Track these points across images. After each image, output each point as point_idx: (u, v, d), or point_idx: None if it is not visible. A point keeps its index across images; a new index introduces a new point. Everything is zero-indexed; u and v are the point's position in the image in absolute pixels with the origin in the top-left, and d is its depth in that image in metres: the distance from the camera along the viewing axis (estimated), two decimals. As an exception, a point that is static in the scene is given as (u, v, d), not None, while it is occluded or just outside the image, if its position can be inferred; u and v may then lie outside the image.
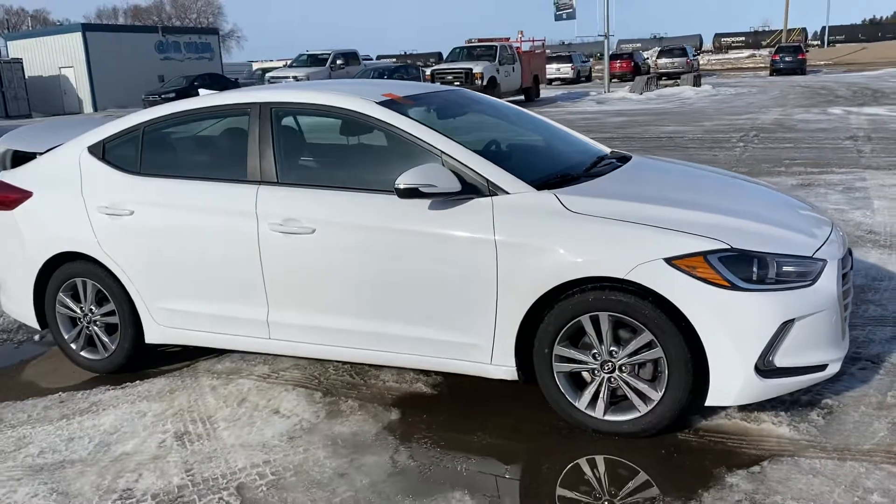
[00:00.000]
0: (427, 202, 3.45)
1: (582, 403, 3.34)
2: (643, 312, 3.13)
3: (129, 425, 3.64)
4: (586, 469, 3.12)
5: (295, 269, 3.74)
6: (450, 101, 4.41)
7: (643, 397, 3.24)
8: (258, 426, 3.57)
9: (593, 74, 45.46)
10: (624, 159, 4.18)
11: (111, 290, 4.21)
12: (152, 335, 4.21)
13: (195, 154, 4.40)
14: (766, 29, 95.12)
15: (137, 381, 4.18)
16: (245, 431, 3.52)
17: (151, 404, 3.85)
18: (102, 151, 4.26)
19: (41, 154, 4.59)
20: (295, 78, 25.87)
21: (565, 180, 3.59)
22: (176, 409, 3.78)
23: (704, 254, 3.06)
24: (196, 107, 4.17)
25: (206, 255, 3.92)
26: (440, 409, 3.69)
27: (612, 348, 3.25)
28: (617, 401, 3.33)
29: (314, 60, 27.33)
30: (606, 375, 3.28)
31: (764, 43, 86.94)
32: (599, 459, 3.18)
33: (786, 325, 3.06)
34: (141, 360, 4.36)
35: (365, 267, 3.60)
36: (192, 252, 3.94)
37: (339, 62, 27.12)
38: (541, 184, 3.46)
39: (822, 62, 50.17)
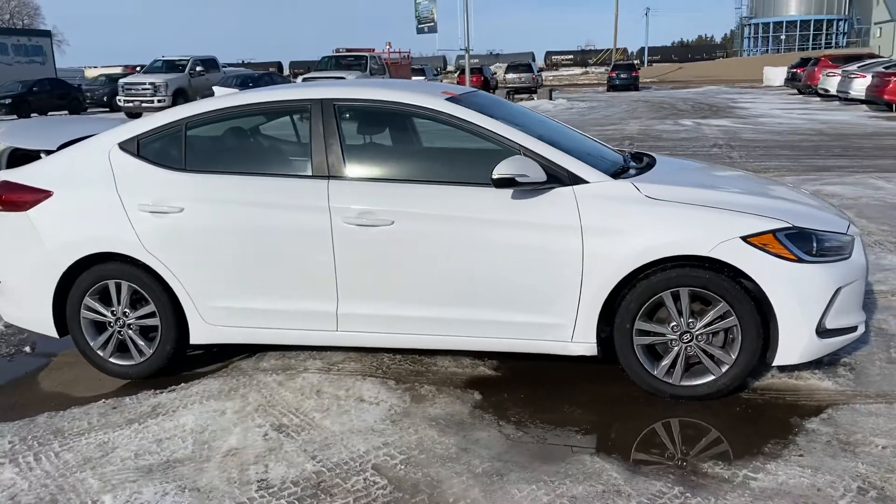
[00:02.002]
0: (510, 192, 3.68)
1: (660, 372, 3.70)
2: (721, 285, 3.53)
3: (215, 423, 3.58)
4: (682, 429, 3.47)
5: (371, 261, 3.83)
6: (485, 100, 4.65)
7: (717, 362, 3.65)
8: (353, 413, 3.63)
9: (444, 87, 46.41)
10: (645, 157, 4.58)
11: (152, 291, 4.07)
12: (199, 335, 4.12)
13: (246, 150, 4.35)
14: (592, 48, 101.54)
15: (183, 384, 4.07)
16: (344, 419, 3.58)
17: (224, 403, 3.79)
18: (137, 148, 4.12)
19: (47, 152, 4.34)
20: (153, 84, 24.75)
21: (625, 171, 3.95)
22: (254, 405, 3.75)
23: (773, 231, 3.51)
24: (244, 103, 4.15)
25: (269, 250, 3.91)
26: (514, 388, 3.91)
27: (689, 320, 3.63)
28: (690, 367, 3.71)
29: (171, 66, 26.21)
30: (684, 345, 3.65)
31: (591, 61, 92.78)
32: (686, 421, 3.54)
33: (837, 292, 3.57)
34: (180, 363, 4.25)
35: (446, 256, 3.76)
36: (253, 248, 3.92)
37: (198, 69, 26.20)
38: (612, 174, 3.79)
39: (649, 79, 54.31)
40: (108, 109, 30.00)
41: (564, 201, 3.65)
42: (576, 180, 3.68)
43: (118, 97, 25.51)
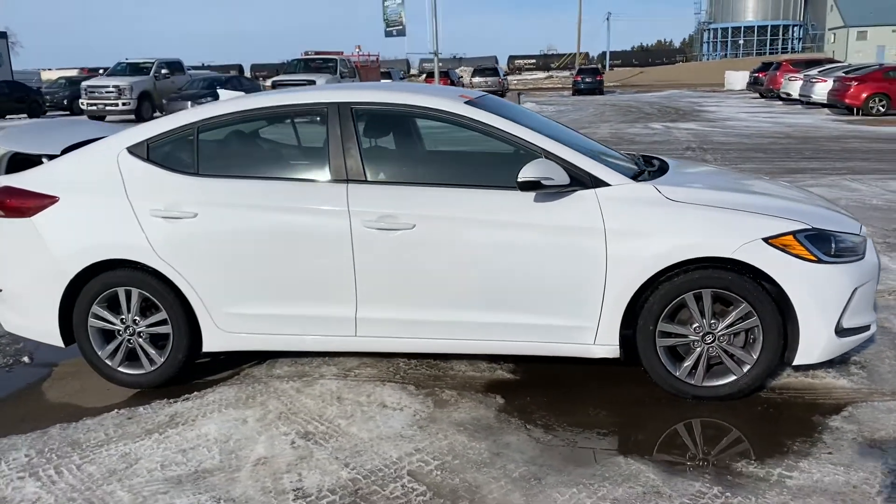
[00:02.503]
0: (532, 195, 3.68)
1: (682, 373, 3.73)
2: (744, 286, 3.58)
3: (238, 432, 3.52)
4: (709, 429, 3.50)
5: (391, 265, 3.80)
6: (497, 103, 4.64)
7: (739, 362, 3.69)
8: (379, 420, 3.59)
9: (411, 91, 46.41)
10: (655, 160, 4.62)
11: (164, 298, 3.99)
12: (213, 343, 4.05)
13: (260, 154, 4.28)
14: (555, 52, 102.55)
15: (196, 393, 3.99)
16: (370, 426, 3.54)
17: (244, 411, 3.72)
18: (147, 152, 4.04)
19: (49, 156, 4.23)
20: (117, 87, 24.28)
21: (642, 174, 3.98)
22: (276, 413, 3.69)
23: (794, 233, 3.57)
24: (257, 106, 4.09)
25: (287, 255, 3.86)
26: (535, 392, 3.91)
27: (711, 321, 3.66)
28: (710, 368, 3.75)
29: (135, 69, 25.74)
30: (707, 346, 3.69)
31: (553, 65, 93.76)
32: (711, 421, 3.57)
33: (854, 292, 3.64)
34: (190, 371, 4.17)
35: (468, 259, 3.75)
36: (270, 252, 3.87)
37: (163, 71, 25.78)
38: (632, 177, 3.82)
39: (613, 83, 54.92)
40: (68, 113, 29.34)
41: (587, 204, 3.66)
42: (597, 183, 3.70)
43: (81, 100, 24.97)
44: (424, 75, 45.48)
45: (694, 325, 3.69)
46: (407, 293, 3.85)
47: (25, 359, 4.67)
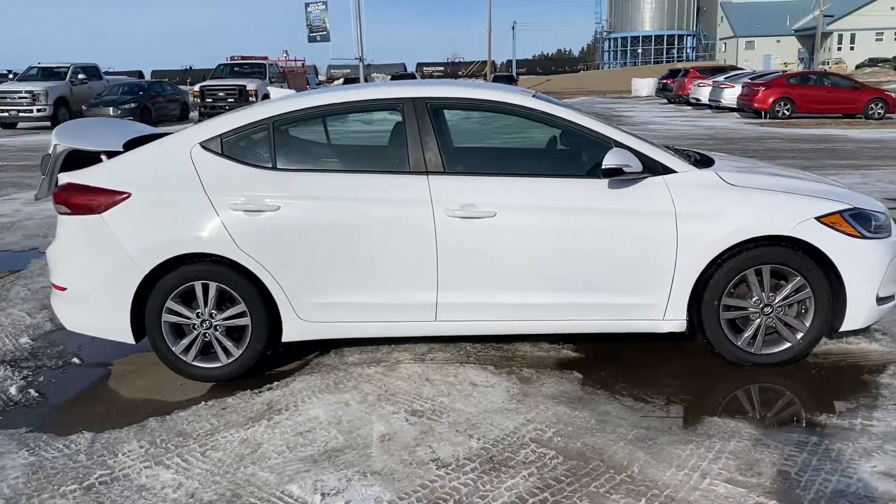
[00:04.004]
0: (606, 182, 3.96)
1: (743, 343, 4.08)
2: (799, 261, 3.96)
3: (347, 414, 3.63)
4: (776, 391, 3.87)
5: (472, 251, 4.00)
6: (553, 98, 4.89)
7: (793, 331, 4.07)
8: (477, 397, 3.78)
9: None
10: (693, 153, 4.97)
11: (244, 290, 4.04)
12: (292, 333, 4.13)
13: (337, 147, 4.38)
14: (461, 60, 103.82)
15: (276, 383, 4.06)
16: (472, 401, 3.72)
17: (341, 395, 3.83)
18: (221, 146, 4.09)
19: (108, 153, 4.19)
20: (31, 93, 23.16)
21: (698, 163, 4.33)
22: (374, 395, 3.82)
23: (840, 212, 3.99)
24: (333, 101, 4.19)
25: (370, 245, 3.99)
26: (606, 367, 4.18)
27: (770, 294, 4.03)
28: (766, 337, 4.12)
29: (49, 74, 24.63)
30: (765, 317, 4.06)
31: (460, 73, 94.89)
32: (774, 384, 3.94)
33: (889, 263, 4.08)
34: (265, 363, 4.23)
35: (547, 244, 3.99)
36: (353, 242, 3.99)
37: (80, 76, 24.78)
38: (692, 164, 4.15)
39: (523, 90, 56.11)
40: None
41: (658, 190, 3.97)
42: (666, 170, 4.01)
43: (-10, 107, 23.70)
44: (342, 80, 45.27)
45: (753, 299, 4.05)
46: (487, 278, 4.05)
47: (75, 359, 4.59)
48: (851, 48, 65.81)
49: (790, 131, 19.51)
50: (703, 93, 28.95)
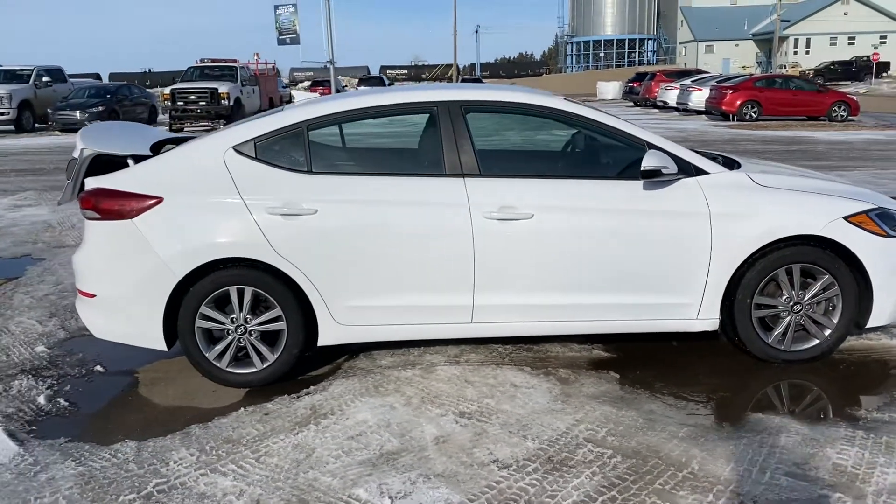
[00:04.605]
0: (640, 184, 4.02)
1: (773, 340, 4.17)
2: (827, 260, 4.07)
3: (395, 417, 3.62)
4: (810, 387, 3.96)
5: (509, 253, 4.02)
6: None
7: (822, 328, 4.17)
8: (522, 398, 3.80)
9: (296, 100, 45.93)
10: (719, 156, 5.06)
11: (280, 294, 4.01)
12: (329, 336, 4.11)
13: (372, 151, 4.36)
14: (424, 63, 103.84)
15: (312, 387, 4.04)
16: (518, 403, 3.74)
17: (383, 398, 3.82)
18: (255, 150, 4.05)
19: (135, 157, 4.13)
20: (-7, 96, 22.62)
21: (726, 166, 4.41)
22: (418, 398, 3.81)
23: (866, 212, 4.10)
24: (367, 105, 4.18)
25: (407, 248, 3.99)
26: (639, 367, 4.24)
27: (799, 292, 4.13)
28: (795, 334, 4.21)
29: (12, 76, 24.05)
30: (795, 315, 4.15)
31: (424, 76, 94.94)
32: (806, 381, 4.03)
33: (910, 262, 4.21)
34: (298, 367, 4.20)
35: (584, 245, 4.03)
36: (391, 246, 3.98)
37: (44, 79, 24.25)
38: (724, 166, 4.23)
39: (488, 93, 56.39)
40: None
41: (692, 191, 4.03)
42: (699, 171, 4.08)
43: (-50, 110, 23.09)
44: (311, 83, 44.95)
45: (783, 297, 4.14)
46: (523, 279, 4.07)
47: (98, 367, 4.50)
48: (807, 52, 67.38)
49: (760, 133, 19.92)
50: (671, 96, 29.39)
